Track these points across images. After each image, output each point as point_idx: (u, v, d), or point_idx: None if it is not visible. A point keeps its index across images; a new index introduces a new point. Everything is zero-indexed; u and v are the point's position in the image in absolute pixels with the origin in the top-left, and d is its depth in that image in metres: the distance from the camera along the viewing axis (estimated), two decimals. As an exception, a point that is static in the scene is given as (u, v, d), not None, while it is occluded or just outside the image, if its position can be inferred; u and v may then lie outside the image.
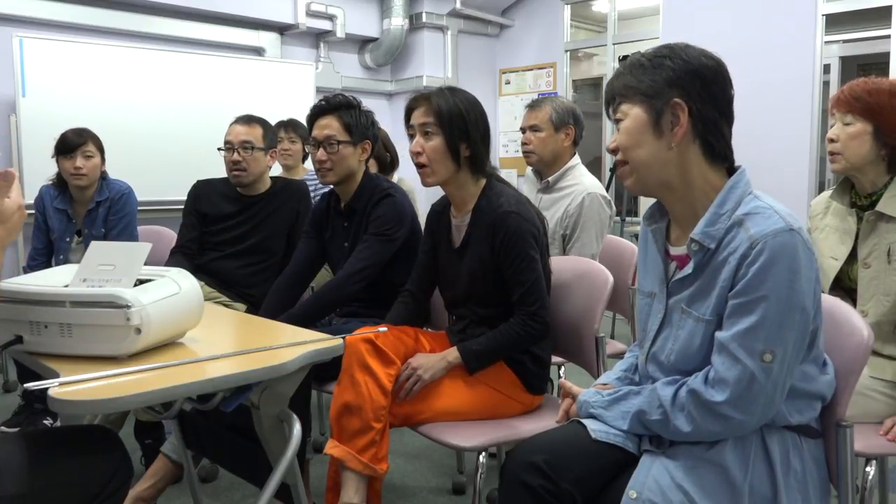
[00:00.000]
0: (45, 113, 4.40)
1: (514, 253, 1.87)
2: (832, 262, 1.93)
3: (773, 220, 1.24)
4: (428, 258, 2.14)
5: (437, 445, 1.89)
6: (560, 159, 2.75)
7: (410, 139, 1.98)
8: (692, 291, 1.33)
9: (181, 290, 1.43)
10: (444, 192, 2.07)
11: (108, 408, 1.23)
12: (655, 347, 1.42)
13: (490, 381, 1.90)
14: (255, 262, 2.76)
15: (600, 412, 1.42)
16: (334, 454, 1.80)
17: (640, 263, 1.52)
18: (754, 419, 1.25)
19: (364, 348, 1.81)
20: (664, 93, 1.30)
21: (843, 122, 1.87)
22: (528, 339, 1.89)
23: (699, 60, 1.31)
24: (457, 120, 1.92)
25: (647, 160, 1.33)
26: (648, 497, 1.24)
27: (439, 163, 1.93)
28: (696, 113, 1.30)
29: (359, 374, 1.80)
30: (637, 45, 5.99)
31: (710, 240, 1.29)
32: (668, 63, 1.31)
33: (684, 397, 1.29)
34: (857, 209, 1.91)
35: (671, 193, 1.37)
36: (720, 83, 1.32)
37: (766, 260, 1.21)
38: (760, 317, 1.22)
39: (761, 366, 1.22)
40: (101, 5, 4.83)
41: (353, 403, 1.79)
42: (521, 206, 1.91)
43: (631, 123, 1.34)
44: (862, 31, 5.64)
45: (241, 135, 2.73)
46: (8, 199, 1.26)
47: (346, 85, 6.00)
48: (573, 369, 2.31)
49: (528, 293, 1.88)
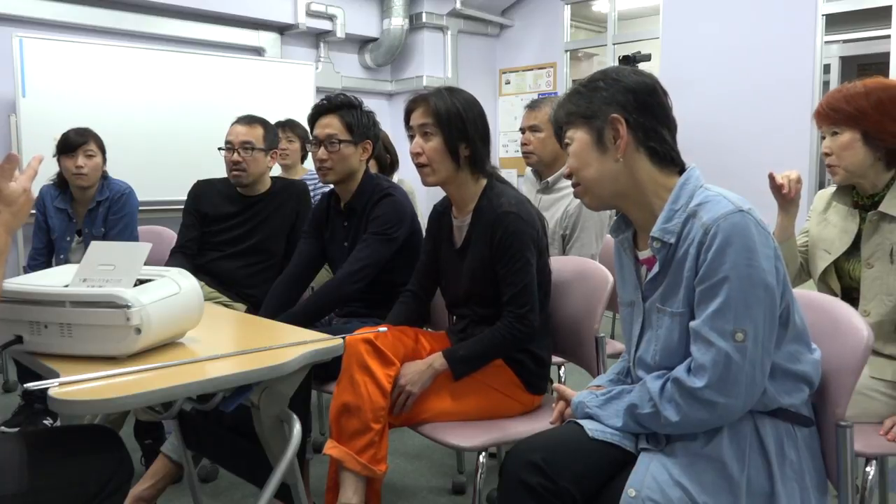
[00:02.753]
0: (45, 113, 4.40)
1: (509, 253, 1.87)
2: (824, 255, 1.93)
3: (723, 205, 1.29)
4: (430, 258, 2.14)
5: (437, 445, 1.89)
6: (560, 160, 2.74)
7: (410, 140, 1.99)
8: (663, 289, 1.37)
9: (181, 290, 1.43)
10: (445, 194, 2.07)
11: (108, 408, 1.23)
12: (640, 351, 1.45)
13: (490, 381, 1.90)
14: (254, 262, 2.76)
15: (596, 411, 1.43)
16: (333, 455, 1.79)
17: (618, 275, 1.56)
18: (739, 401, 1.27)
19: (363, 349, 1.81)
20: (601, 111, 1.39)
21: (831, 134, 1.88)
22: (513, 342, 1.88)
23: (630, 78, 1.40)
24: (455, 120, 1.92)
25: (597, 176, 1.41)
26: (647, 494, 1.25)
27: (439, 163, 1.93)
28: (634, 123, 1.38)
29: (358, 375, 1.80)
30: (637, 45, 5.99)
31: (669, 235, 1.34)
32: (602, 85, 1.40)
33: (670, 388, 1.32)
34: (859, 209, 1.91)
35: (627, 202, 1.43)
36: (654, 95, 1.40)
37: (720, 242, 1.26)
38: (725, 297, 1.26)
39: (735, 345, 1.25)
40: (101, 5, 4.83)
41: (352, 404, 1.79)
42: (522, 207, 1.91)
43: (577, 146, 1.43)
44: (862, 31, 5.64)
45: (242, 135, 2.72)
46: (13, 182, 1.27)
47: (346, 85, 6.00)
48: (573, 369, 2.31)
49: (520, 295, 1.87)
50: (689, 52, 5.23)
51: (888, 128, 1.79)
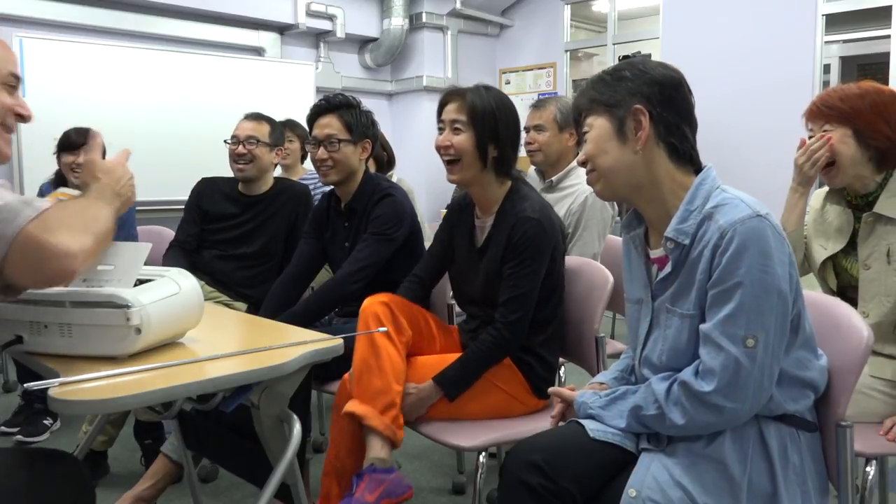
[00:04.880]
0: (45, 113, 4.32)
1: (520, 258, 1.86)
2: (819, 249, 1.95)
3: (741, 209, 1.28)
4: (442, 248, 2.12)
5: (437, 445, 1.89)
6: (564, 159, 2.75)
7: (440, 132, 1.97)
8: (674, 289, 1.36)
9: (181, 290, 1.43)
10: (451, 194, 2.06)
11: (108, 408, 1.23)
12: (647, 350, 1.44)
13: (497, 380, 1.90)
14: (253, 263, 2.76)
15: (598, 412, 1.42)
16: (356, 411, 1.78)
17: (626, 272, 1.55)
18: (745, 406, 1.26)
19: (381, 310, 1.83)
20: (625, 101, 1.37)
21: (821, 131, 1.88)
22: (499, 350, 1.87)
23: (657, 71, 1.38)
24: (489, 119, 1.90)
25: (614, 165, 1.39)
26: (648, 495, 1.24)
27: (468, 160, 1.92)
28: (657, 117, 1.36)
29: (378, 336, 1.81)
30: (637, 45, 6.00)
31: (684, 236, 1.33)
32: (628, 74, 1.38)
33: (677, 390, 1.31)
34: (852, 209, 1.91)
35: (641, 196, 1.41)
36: (680, 90, 1.38)
37: (737, 247, 1.25)
38: (738, 303, 1.25)
39: (745, 351, 1.24)
40: (101, 5, 4.83)
41: (373, 363, 1.80)
42: (544, 213, 1.89)
43: (596, 133, 1.41)
44: (862, 31, 5.64)
45: (248, 130, 2.75)
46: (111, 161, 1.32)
47: (346, 85, 6.00)
48: (573, 369, 2.31)
49: (516, 300, 1.85)
50: (689, 52, 5.22)
51: (881, 129, 1.80)
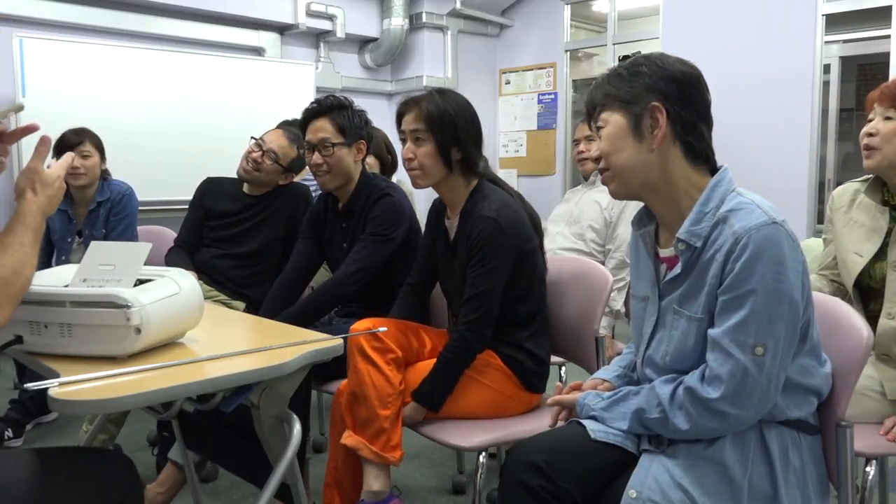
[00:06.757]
0: (45, 113, 4.34)
1: (477, 256, 1.86)
2: (856, 259, 1.86)
3: (756, 215, 1.26)
4: (429, 252, 2.14)
5: (437, 445, 1.89)
6: None
7: (402, 143, 1.99)
8: (683, 291, 1.35)
9: (181, 290, 1.43)
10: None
11: (108, 408, 1.23)
12: (651, 350, 1.43)
13: (489, 382, 1.90)
14: (250, 263, 2.75)
15: (601, 414, 1.42)
16: (348, 444, 1.83)
17: (633, 268, 1.54)
18: (750, 413, 1.26)
19: (364, 339, 1.84)
20: (642, 98, 1.33)
21: (885, 115, 1.79)
22: (466, 352, 1.86)
23: (675, 67, 1.35)
24: (447, 124, 1.91)
25: (629, 163, 1.36)
26: (648, 496, 1.24)
27: (430, 167, 1.93)
28: (674, 115, 1.32)
29: (361, 364, 1.83)
30: (637, 45, 5.99)
31: (696, 238, 1.31)
32: (645, 70, 1.34)
33: (681, 395, 1.30)
34: (889, 208, 1.84)
35: (655, 195, 1.39)
36: (697, 87, 1.35)
37: (751, 254, 1.23)
38: (749, 311, 1.23)
39: (753, 359, 1.24)
40: (101, 5, 4.83)
41: (358, 392, 1.83)
42: (503, 212, 1.87)
43: (611, 129, 1.37)
44: (862, 31, 5.64)
45: (271, 142, 2.70)
46: (48, 166, 1.31)
47: (346, 85, 6.00)
48: (573, 369, 2.31)
49: (476, 298, 1.85)
50: (689, 52, 5.17)
51: None
